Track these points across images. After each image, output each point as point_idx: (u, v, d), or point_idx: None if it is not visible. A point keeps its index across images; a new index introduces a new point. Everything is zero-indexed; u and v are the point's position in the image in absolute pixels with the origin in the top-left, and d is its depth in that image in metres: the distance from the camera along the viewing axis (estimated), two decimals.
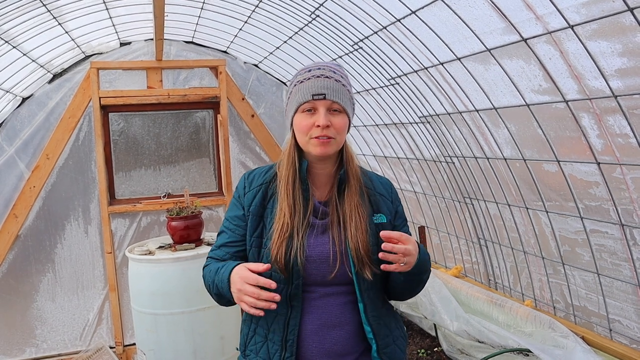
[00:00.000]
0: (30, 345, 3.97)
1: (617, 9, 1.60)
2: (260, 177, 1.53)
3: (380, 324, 1.47)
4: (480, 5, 2.06)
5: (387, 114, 3.53)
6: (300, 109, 1.42)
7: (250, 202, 1.49)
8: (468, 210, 3.21)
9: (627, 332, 2.27)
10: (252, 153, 4.48)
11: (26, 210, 3.87)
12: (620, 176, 2.00)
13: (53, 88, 3.91)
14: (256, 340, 1.47)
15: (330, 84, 1.40)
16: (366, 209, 1.47)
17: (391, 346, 1.48)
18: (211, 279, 1.44)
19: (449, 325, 2.91)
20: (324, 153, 1.41)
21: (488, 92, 2.44)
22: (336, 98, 1.39)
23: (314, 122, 1.39)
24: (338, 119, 1.40)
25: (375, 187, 1.55)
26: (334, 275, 1.41)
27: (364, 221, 1.44)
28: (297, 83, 1.43)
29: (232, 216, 1.52)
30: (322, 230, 1.45)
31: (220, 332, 3.17)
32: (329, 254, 1.42)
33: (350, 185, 1.47)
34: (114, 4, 3.26)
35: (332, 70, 1.44)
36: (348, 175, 1.48)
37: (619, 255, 2.19)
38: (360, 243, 1.40)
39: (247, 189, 1.51)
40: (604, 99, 1.88)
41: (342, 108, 1.41)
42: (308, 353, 1.42)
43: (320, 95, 1.38)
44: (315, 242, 1.44)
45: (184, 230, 3.26)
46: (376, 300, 1.47)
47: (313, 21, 3.17)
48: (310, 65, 1.47)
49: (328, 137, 1.39)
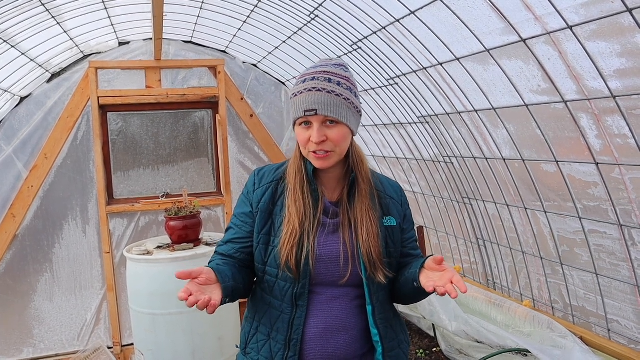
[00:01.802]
0: (28, 345, 3.96)
1: (616, 10, 1.61)
2: (271, 174, 1.52)
3: (387, 327, 1.47)
4: (479, 6, 2.06)
5: (386, 114, 3.53)
6: (297, 122, 1.41)
7: (259, 199, 1.48)
8: (467, 210, 3.21)
9: (626, 332, 2.27)
10: (250, 153, 4.48)
11: (24, 210, 3.86)
12: (619, 176, 2.00)
13: (51, 87, 3.91)
14: (258, 339, 1.46)
15: (322, 98, 1.35)
16: (377, 212, 1.47)
17: (396, 350, 1.48)
18: None
19: (448, 326, 2.91)
20: (323, 167, 1.41)
21: (487, 92, 2.44)
22: (328, 112, 1.35)
23: (310, 137, 1.38)
24: (334, 132, 1.37)
25: (386, 190, 1.54)
26: (347, 278, 1.41)
27: (375, 226, 1.43)
28: (293, 96, 1.42)
29: (239, 212, 1.51)
30: (333, 229, 1.45)
31: (219, 332, 3.17)
32: (339, 253, 1.41)
33: (361, 189, 1.46)
34: (112, 4, 3.26)
35: (328, 78, 1.38)
36: (358, 178, 1.47)
37: (617, 256, 2.19)
38: (372, 248, 1.40)
39: (256, 186, 1.50)
40: (603, 100, 1.88)
41: (338, 120, 1.37)
42: (310, 356, 1.41)
43: (312, 112, 1.35)
44: (325, 240, 1.43)
45: (182, 230, 3.26)
46: (385, 303, 1.47)
47: (312, 21, 3.17)
48: (308, 72, 1.43)
49: (325, 151, 1.37)
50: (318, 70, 1.41)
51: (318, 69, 1.41)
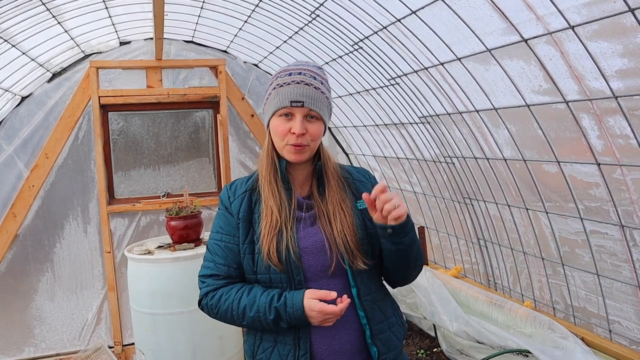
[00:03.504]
0: (29, 344, 3.96)
1: (618, 10, 1.60)
2: (242, 185, 1.53)
3: (374, 309, 1.46)
4: (480, 6, 2.05)
5: (387, 114, 3.52)
6: (277, 113, 1.42)
7: (238, 209, 1.48)
8: (468, 210, 3.21)
9: (627, 333, 2.27)
10: (251, 153, 4.48)
11: (25, 209, 3.86)
12: (621, 177, 2.00)
13: (52, 87, 3.91)
14: (265, 347, 1.45)
15: (310, 92, 1.40)
16: (350, 201, 1.49)
17: (386, 332, 1.47)
18: (243, 312, 1.40)
19: (449, 326, 2.90)
20: (298, 160, 1.44)
21: (488, 92, 2.44)
22: (314, 106, 1.40)
23: (290, 128, 1.40)
24: (314, 127, 1.42)
25: (353, 175, 1.58)
26: (333, 268, 1.42)
27: (349, 215, 1.45)
28: (277, 86, 1.42)
29: (223, 227, 1.49)
30: (310, 222, 1.46)
31: (220, 332, 3.17)
32: (323, 242, 1.43)
33: (331, 184, 1.49)
34: (113, 3, 3.25)
35: (313, 75, 1.43)
36: (327, 173, 1.50)
37: (619, 257, 2.19)
38: (348, 237, 1.42)
39: (231, 198, 1.51)
40: (605, 100, 1.87)
41: (319, 115, 1.42)
42: (319, 353, 1.41)
43: (299, 103, 1.38)
44: (306, 233, 1.44)
45: (183, 230, 3.26)
46: (370, 284, 1.47)
47: (313, 21, 3.17)
48: (292, 67, 1.45)
49: (302, 145, 1.40)
50: (303, 68, 1.44)
51: (302, 67, 1.45)
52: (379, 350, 1.43)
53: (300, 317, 1.34)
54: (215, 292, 1.45)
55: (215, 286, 1.46)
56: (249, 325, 1.43)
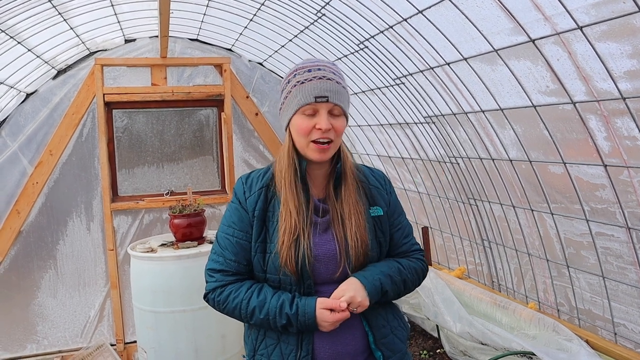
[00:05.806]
0: (31, 341, 3.97)
1: (627, 10, 1.59)
2: (259, 180, 1.49)
3: (377, 316, 1.46)
4: (488, 6, 2.04)
5: (392, 114, 3.51)
6: (300, 111, 1.39)
7: (253, 207, 1.45)
8: (472, 211, 3.19)
9: (632, 336, 2.26)
10: (255, 151, 4.48)
11: (29, 206, 3.86)
12: (628, 179, 1.99)
13: (57, 84, 3.91)
14: (267, 344, 1.44)
15: (333, 87, 1.38)
16: (364, 204, 1.48)
17: (389, 337, 1.47)
18: (252, 312, 1.39)
19: (452, 327, 2.89)
20: (322, 159, 1.41)
21: (494, 92, 2.42)
22: (338, 101, 1.39)
23: (315, 125, 1.37)
24: (339, 122, 1.40)
25: (370, 180, 1.55)
26: (339, 273, 1.41)
27: (363, 219, 1.44)
28: (297, 84, 1.39)
29: (236, 222, 1.46)
30: (324, 228, 1.45)
31: (222, 330, 3.16)
32: (335, 251, 1.42)
33: (348, 183, 1.47)
34: (119, 1, 3.26)
35: (332, 71, 1.41)
36: (345, 172, 1.47)
37: (624, 259, 2.18)
38: (360, 241, 1.41)
39: (247, 194, 1.47)
40: (612, 101, 1.86)
41: (343, 111, 1.41)
42: (321, 355, 1.41)
43: (323, 98, 1.36)
44: (320, 240, 1.43)
45: (186, 228, 3.25)
46: None
47: (319, 20, 3.16)
48: (308, 64, 1.43)
49: (329, 140, 1.38)
50: (320, 64, 1.42)
51: (319, 63, 1.43)
52: (383, 355, 1.44)
53: (311, 325, 1.35)
54: (223, 288, 1.44)
55: (224, 282, 1.44)
56: (256, 325, 1.43)
